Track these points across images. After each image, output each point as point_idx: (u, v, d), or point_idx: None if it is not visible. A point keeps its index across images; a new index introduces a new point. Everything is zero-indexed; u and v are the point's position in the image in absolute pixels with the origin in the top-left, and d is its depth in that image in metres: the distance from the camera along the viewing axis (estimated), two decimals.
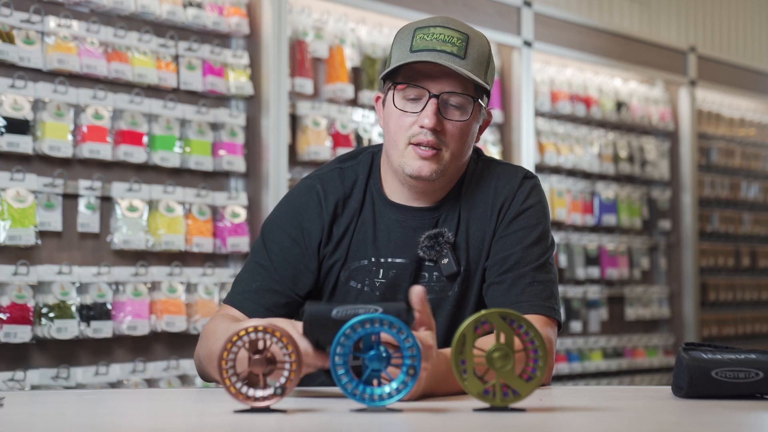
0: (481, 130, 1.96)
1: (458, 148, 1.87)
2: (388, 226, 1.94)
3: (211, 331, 1.85)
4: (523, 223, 1.92)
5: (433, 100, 1.83)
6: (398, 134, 1.86)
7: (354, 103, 4.03)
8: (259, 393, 1.45)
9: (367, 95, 4.02)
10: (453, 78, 1.83)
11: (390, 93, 1.88)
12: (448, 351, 1.72)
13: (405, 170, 1.86)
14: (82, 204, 3.23)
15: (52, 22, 3.17)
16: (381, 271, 1.92)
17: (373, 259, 1.93)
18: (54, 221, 3.15)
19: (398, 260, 1.92)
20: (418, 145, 1.84)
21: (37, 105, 3.12)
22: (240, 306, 1.92)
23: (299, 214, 1.94)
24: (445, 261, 1.91)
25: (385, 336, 1.48)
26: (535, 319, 1.83)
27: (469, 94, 1.85)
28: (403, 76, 1.86)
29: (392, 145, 1.88)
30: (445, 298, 1.92)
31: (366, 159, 2.00)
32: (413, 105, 1.86)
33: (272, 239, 1.95)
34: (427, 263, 1.93)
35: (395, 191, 1.95)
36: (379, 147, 2.01)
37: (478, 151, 2.04)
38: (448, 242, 1.91)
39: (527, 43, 4.69)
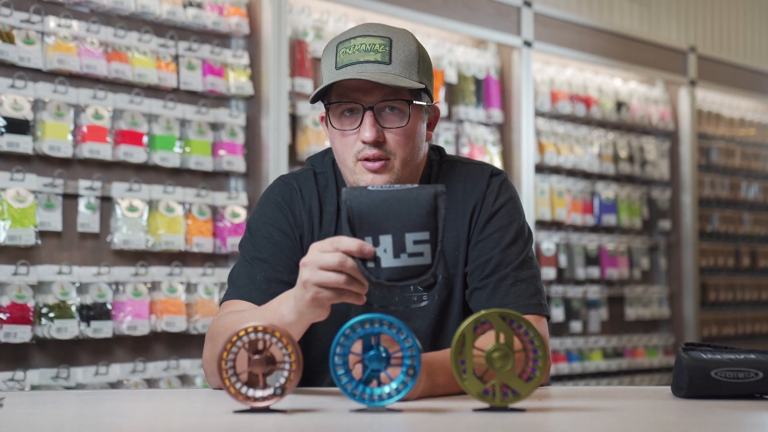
0: (431, 126, 1.93)
1: (406, 153, 1.84)
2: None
3: (223, 327, 1.77)
4: (498, 224, 1.90)
5: (368, 113, 1.80)
6: (344, 154, 1.84)
7: None
8: (259, 393, 1.45)
9: None
10: (383, 85, 1.80)
11: (328, 114, 1.86)
12: (441, 354, 1.73)
13: (359, 185, 1.84)
14: (82, 204, 3.23)
15: (52, 22, 3.17)
16: None
17: None
18: (54, 221, 3.15)
19: None
20: (366, 160, 1.82)
21: (37, 105, 3.12)
22: (248, 297, 1.85)
23: (283, 209, 1.93)
24: None
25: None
26: None
27: (404, 99, 1.82)
28: (335, 94, 1.83)
29: (342, 164, 1.86)
30: (425, 308, 1.90)
31: (329, 165, 1.98)
32: (351, 121, 1.83)
33: (262, 235, 1.92)
34: None
35: None
36: None
37: (440, 151, 2.01)
38: None
39: (527, 43, 4.69)
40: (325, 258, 1.53)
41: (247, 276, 1.88)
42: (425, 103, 1.87)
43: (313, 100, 1.85)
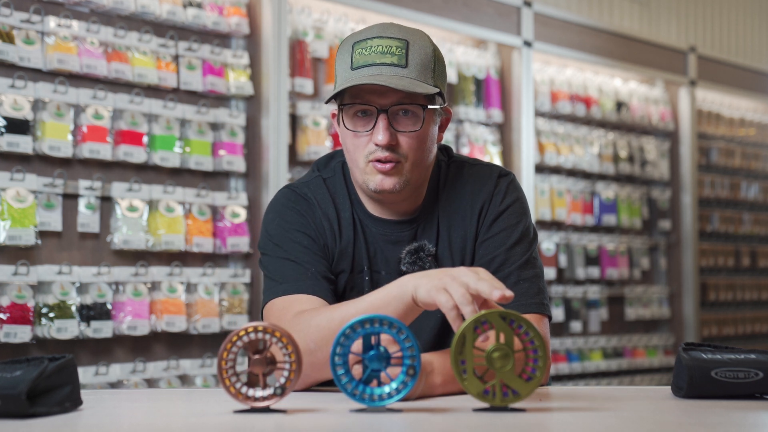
0: (442, 129, 1.93)
1: (418, 156, 1.84)
2: (374, 240, 1.92)
3: (327, 330, 1.68)
4: (504, 224, 1.91)
5: (382, 116, 1.80)
6: (356, 154, 1.84)
7: None
8: (259, 393, 1.45)
9: None
10: (399, 89, 1.78)
11: (340, 113, 1.85)
12: (440, 354, 1.73)
13: (369, 186, 1.84)
14: (82, 204, 3.23)
15: (52, 22, 3.17)
16: (371, 282, 1.91)
17: (366, 269, 1.92)
18: (54, 221, 3.15)
19: (383, 273, 1.91)
20: (377, 161, 1.82)
21: (37, 105, 3.12)
22: (311, 290, 1.81)
23: (303, 216, 1.92)
24: None
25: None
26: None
27: (419, 103, 1.82)
28: (349, 95, 1.83)
29: (353, 164, 1.86)
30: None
31: (338, 170, 1.97)
32: (364, 122, 1.82)
33: (290, 240, 1.88)
34: None
35: (370, 205, 1.93)
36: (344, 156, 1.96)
37: (448, 151, 2.01)
38: (430, 254, 1.90)
39: (527, 43, 4.69)
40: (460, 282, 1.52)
41: (295, 273, 1.84)
42: (439, 107, 1.87)
43: (328, 100, 1.85)
